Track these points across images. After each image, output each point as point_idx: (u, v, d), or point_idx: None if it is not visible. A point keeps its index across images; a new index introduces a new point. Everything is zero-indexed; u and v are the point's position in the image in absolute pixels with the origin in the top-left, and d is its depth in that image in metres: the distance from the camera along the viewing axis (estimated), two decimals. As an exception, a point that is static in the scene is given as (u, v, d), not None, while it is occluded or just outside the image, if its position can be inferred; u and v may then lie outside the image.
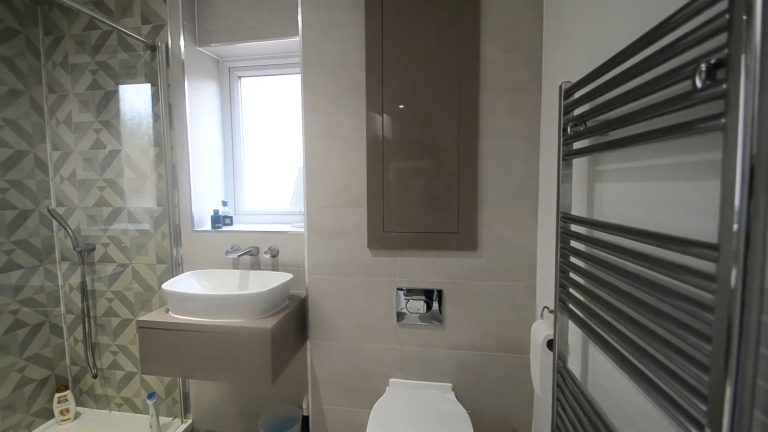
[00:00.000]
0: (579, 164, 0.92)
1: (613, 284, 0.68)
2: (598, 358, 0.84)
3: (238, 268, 1.73)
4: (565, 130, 0.88)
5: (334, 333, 1.53)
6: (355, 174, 1.46)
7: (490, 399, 1.44)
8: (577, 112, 0.86)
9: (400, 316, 1.46)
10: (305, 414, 1.65)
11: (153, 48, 1.76)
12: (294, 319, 1.50)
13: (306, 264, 1.54)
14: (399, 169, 1.41)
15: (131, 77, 1.84)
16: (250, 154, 2.04)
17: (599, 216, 0.84)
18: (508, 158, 1.34)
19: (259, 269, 1.72)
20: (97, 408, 2.04)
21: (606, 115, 0.74)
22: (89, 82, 1.87)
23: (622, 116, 0.63)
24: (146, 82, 1.82)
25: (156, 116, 1.81)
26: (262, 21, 1.72)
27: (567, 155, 0.88)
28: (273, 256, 1.69)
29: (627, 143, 0.63)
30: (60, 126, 1.92)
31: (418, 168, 1.39)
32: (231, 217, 1.90)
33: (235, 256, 1.61)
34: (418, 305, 1.43)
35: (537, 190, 1.33)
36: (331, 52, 1.44)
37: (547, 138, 1.24)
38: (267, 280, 1.60)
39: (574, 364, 0.95)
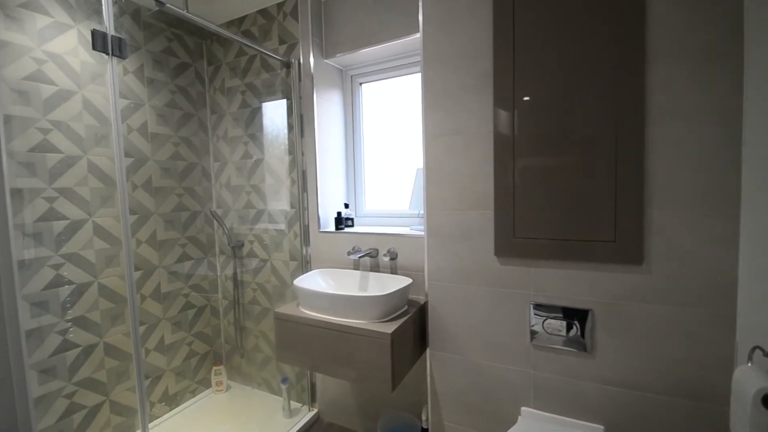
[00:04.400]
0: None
1: None
2: None
3: (359, 269, 1.77)
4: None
5: (456, 345, 1.42)
6: (479, 173, 1.32)
7: (658, 455, 1.13)
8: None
9: (533, 335, 1.26)
10: (424, 426, 1.59)
11: (288, 65, 1.93)
12: (413, 326, 1.44)
13: (425, 269, 1.47)
14: (533, 166, 1.22)
15: (271, 94, 2.06)
16: (370, 157, 2.09)
17: None
18: (689, 147, 1.02)
19: (379, 271, 1.73)
20: (242, 384, 2.35)
21: None
22: (240, 101, 2.16)
23: None
24: (282, 97, 2.02)
25: (290, 127, 2.00)
26: (382, 24, 1.72)
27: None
28: (392, 259, 1.67)
29: None
30: (219, 141, 2.27)
31: (557, 165, 1.18)
32: (352, 219, 1.96)
33: (356, 257, 1.65)
34: (558, 325, 1.21)
35: (738, 188, 0.97)
36: (452, 44, 1.34)
37: (758, 115, 0.90)
38: (386, 283, 1.59)
39: (822, 441, 0.65)
